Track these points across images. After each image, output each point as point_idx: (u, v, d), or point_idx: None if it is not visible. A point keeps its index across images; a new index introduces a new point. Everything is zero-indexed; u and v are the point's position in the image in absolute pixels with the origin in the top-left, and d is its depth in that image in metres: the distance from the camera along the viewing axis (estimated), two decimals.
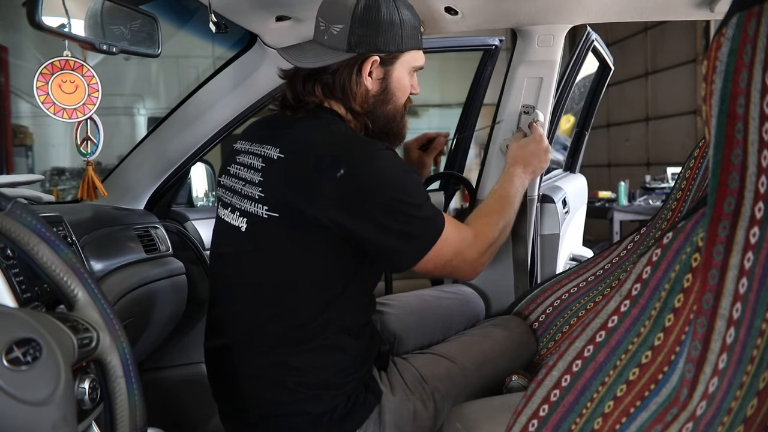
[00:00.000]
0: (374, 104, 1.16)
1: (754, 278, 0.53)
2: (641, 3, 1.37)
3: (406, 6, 1.15)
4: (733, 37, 0.51)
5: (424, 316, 1.41)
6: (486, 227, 1.21)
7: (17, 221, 0.61)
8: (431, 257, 1.08)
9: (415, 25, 1.16)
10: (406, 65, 1.17)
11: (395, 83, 1.16)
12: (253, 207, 1.06)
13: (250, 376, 1.09)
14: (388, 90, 1.16)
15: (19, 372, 0.51)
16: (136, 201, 1.62)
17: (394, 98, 1.18)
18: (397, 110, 1.19)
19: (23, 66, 5.90)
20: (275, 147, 1.06)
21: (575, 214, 2.07)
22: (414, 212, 1.05)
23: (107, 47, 1.13)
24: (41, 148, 6.97)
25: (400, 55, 1.15)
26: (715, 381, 0.55)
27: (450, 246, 1.10)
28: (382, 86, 1.15)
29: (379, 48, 1.11)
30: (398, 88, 1.17)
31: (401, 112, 1.21)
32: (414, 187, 1.08)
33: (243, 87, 1.56)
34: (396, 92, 1.17)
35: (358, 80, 1.12)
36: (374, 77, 1.14)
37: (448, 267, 1.13)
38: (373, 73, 1.14)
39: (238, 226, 1.09)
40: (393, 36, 1.11)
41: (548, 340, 1.46)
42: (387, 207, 1.03)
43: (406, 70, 1.17)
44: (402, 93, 1.19)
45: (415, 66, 1.19)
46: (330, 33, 1.11)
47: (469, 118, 2.13)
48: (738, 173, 0.53)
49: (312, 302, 1.06)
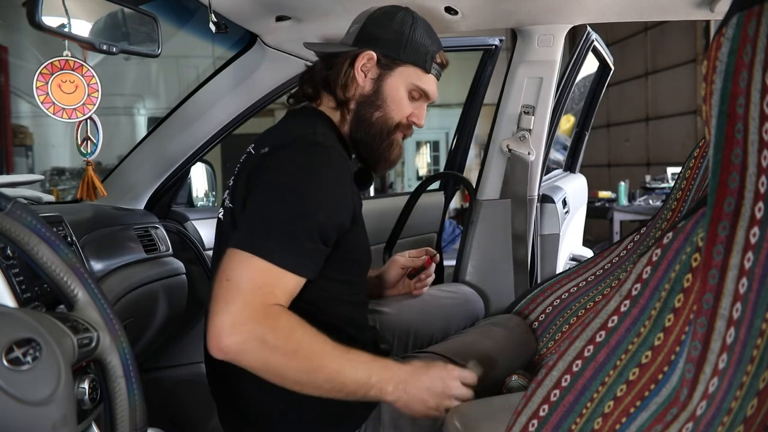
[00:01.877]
0: (362, 103, 1.14)
1: (754, 278, 0.53)
2: (641, 3, 1.37)
3: (426, 28, 1.16)
4: (733, 37, 0.51)
5: (424, 316, 1.41)
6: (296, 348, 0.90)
7: (17, 221, 0.61)
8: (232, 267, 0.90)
9: (426, 45, 1.14)
10: (405, 77, 1.14)
11: (388, 90, 1.14)
12: (226, 201, 1.11)
13: (249, 374, 1.09)
14: (379, 94, 1.14)
15: (19, 372, 0.51)
16: (136, 201, 1.62)
17: (385, 106, 1.14)
18: (385, 122, 1.14)
19: (23, 66, 5.91)
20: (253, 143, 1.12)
21: (575, 214, 2.07)
22: (278, 216, 0.93)
23: (107, 47, 1.13)
24: (41, 148, 6.97)
25: (399, 65, 1.14)
26: (715, 381, 0.55)
27: (243, 276, 0.89)
28: (374, 87, 1.14)
29: (378, 47, 1.12)
30: (391, 98, 1.14)
31: (389, 128, 1.15)
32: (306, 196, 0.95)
33: (243, 87, 1.56)
34: (388, 101, 1.14)
35: (350, 71, 1.13)
36: (368, 75, 1.14)
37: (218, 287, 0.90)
38: (369, 71, 1.14)
39: (221, 218, 1.14)
40: (396, 42, 1.12)
41: (548, 340, 1.46)
42: (268, 191, 0.95)
43: (404, 84, 1.15)
44: (395, 106, 1.15)
45: (417, 85, 1.15)
46: (349, 32, 1.18)
47: (469, 118, 2.14)
48: (738, 173, 0.53)
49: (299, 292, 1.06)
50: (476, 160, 4.96)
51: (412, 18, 1.15)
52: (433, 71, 1.17)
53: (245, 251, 0.91)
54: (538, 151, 1.59)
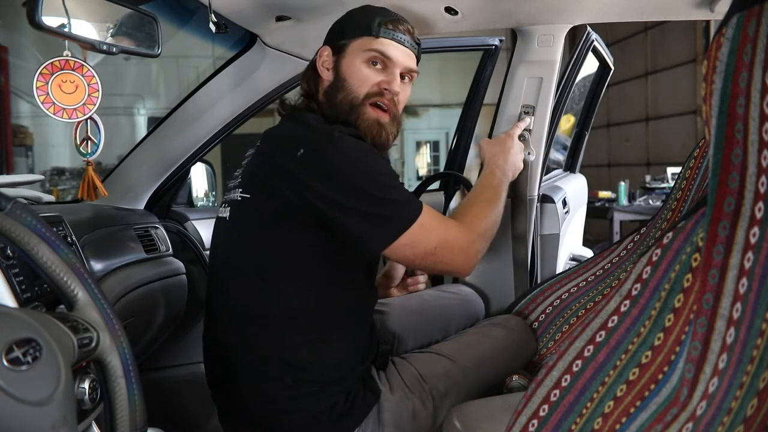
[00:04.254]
0: (328, 93, 1.19)
1: (754, 278, 0.53)
2: (641, 3, 1.37)
3: (371, 7, 1.21)
4: (733, 37, 0.51)
5: (424, 316, 1.41)
6: (475, 217, 1.18)
7: (17, 221, 0.61)
8: (407, 243, 1.05)
9: (370, 17, 1.17)
10: (356, 51, 1.17)
11: (345, 68, 1.17)
12: (234, 194, 1.12)
13: (248, 373, 1.09)
14: (339, 76, 1.18)
15: (19, 372, 0.51)
16: (136, 201, 1.62)
17: (346, 84, 1.16)
18: (350, 99, 1.16)
19: (23, 66, 5.91)
20: (257, 143, 1.15)
21: (575, 214, 2.07)
22: (379, 193, 1.04)
23: (107, 47, 1.13)
24: (41, 148, 6.98)
25: (349, 43, 1.17)
26: (715, 381, 0.55)
27: (432, 233, 1.07)
28: (334, 74, 1.19)
29: (329, 40, 1.21)
30: (349, 74, 1.16)
31: (357, 101, 1.15)
32: (380, 169, 1.06)
33: (243, 87, 1.56)
34: (348, 78, 1.16)
35: (314, 73, 1.21)
36: (326, 67, 1.20)
37: (432, 257, 1.09)
38: (325, 62, 1.20)
39: (225, 217, 1.14)
40: (341, 28, 1.20)
41: (548, 340, 1.46)
42: (348, 186, 1.02)
43: (358, 57, 1.16)
44: (356, 80, 1.16)
45: (369, 49, 1.15)
46: None
47: (469, 118, 2.13)
48: (738, 173, 0.53)
49: (299, 290, 1.07)
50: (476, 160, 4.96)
51: (361, 6, 1.20)
52: (384, 35, 1.16)
53: (408, 228, 1.04)
54: (538, 151, 1.59)
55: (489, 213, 1.22)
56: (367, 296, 1.21)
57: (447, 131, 9.27)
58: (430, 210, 1.09)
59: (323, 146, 1.04)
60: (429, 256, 1.08)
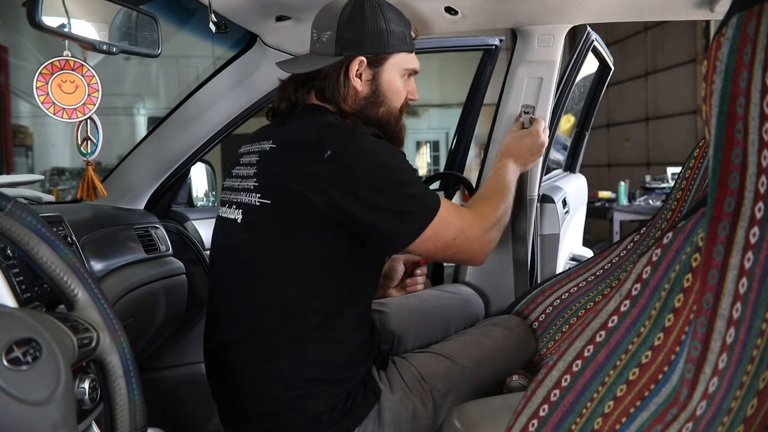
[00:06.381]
0: (365, 106, 1.18)
1: (754, 278, 0.53)
2: (641, 3, 1.37)
3: (393, 11, 1.19)
4: (733, 37, 0.51)
5: (424, 316, 1.41)
6: (487, 208, 1.23)
7: (17, 221, 0.61)
8: (430, 236, 1.08)
9: (402, 28, 1.18)
10: (396, 67, 1.19)
11: (385, 85, 1.18)
12: (248, 197, 1.10)
13: (250, 373, 1.09)
14: (378, 92, 1.18)
15: (19, 372, 0.51)
16: (136, 201, 1.62)
17: (387, 101, 1.19)
18: (391, 113, 1.20)
19: (23, 66, 5.91)
20: (268, 140, 1.12)
21: (575, 214, 2.07)
22: (404, 190, 1.06)
23: (107, 47, 1.13)
24: (41, 148, 6.98)
25: (388, 57, 1.17)
26: (715, 381, 0.55)
27: (451, 225, 1.10)
28: (372, 88, 1.18)
29: (365, 50, 1.15)
30: (390, 91, 1.19)
31: (396, 116, 1.22)
32: (402, 166, 1.09)
33: (243, 87, 1.56)
34: (387, 94, 1.19)
35: (346, 82, 1.16)
36: (363, 79, 1.17)
37: (452, 248, 1.12)
38: (362, 74, 1.17)
39: (234, 219, 1.12)
40: (379, 38, 1.15)
41: (548, 340, 1.46)
42: (376, 186, 1.04)
43: (398, 73, 1.19)
44: (395, 96, 1.20)
45: (407, 68, 1.21)
46: (321, 41, 1.18)
47: (469, 118, 2.14)
48: (738, 173, 0.53)
49: (309, 290, 1.07)
50: (476, 160, 4.96)
51: (379, 7, 1.16)
52: (414, 47, 1.22)
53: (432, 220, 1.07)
54: None
55: (501, 204, 1.26)
56: (372, 296, 1.22)
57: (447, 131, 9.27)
58: (447, 201, 1.12)
59: (348, 148, 1.04)
60: (449, 247, 1.12)
